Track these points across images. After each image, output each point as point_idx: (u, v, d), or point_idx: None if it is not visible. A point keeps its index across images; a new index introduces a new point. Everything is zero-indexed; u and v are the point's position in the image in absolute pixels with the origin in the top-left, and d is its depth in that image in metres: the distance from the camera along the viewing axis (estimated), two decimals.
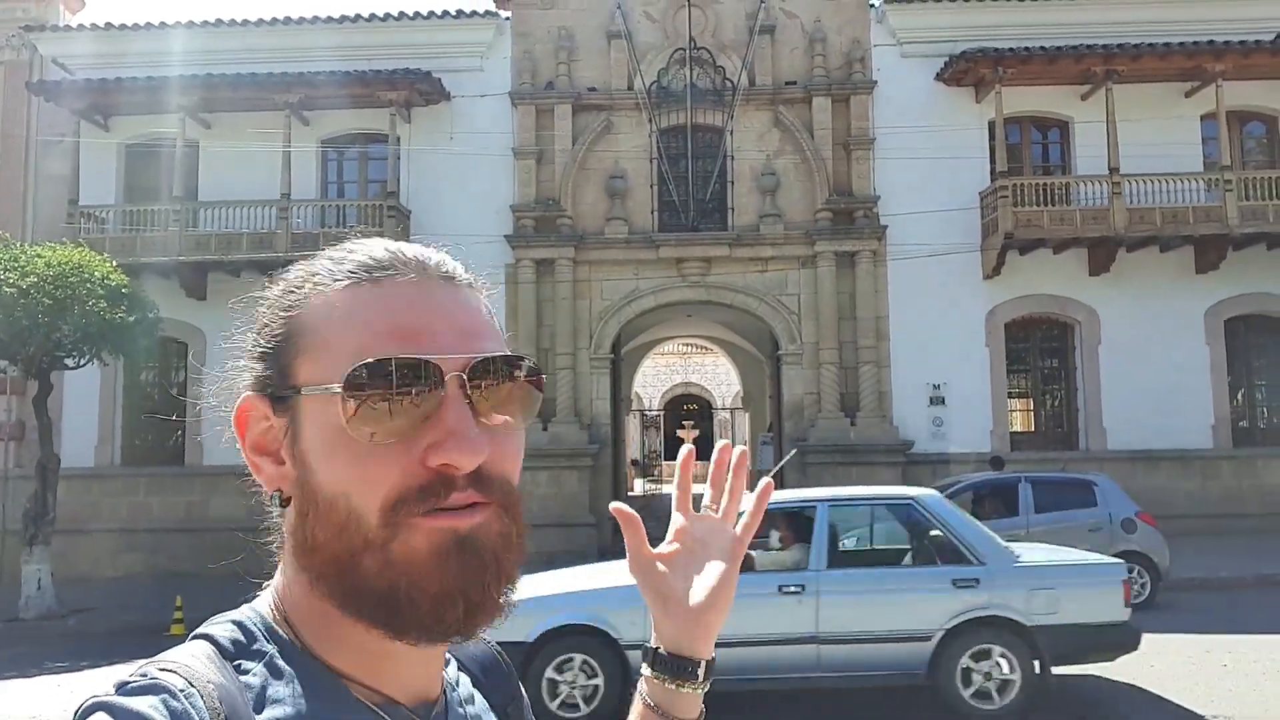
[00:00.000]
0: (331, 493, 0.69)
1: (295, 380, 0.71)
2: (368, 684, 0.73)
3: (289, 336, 0.73)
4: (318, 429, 0.70)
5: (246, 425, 0.74)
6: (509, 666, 0.94)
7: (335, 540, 0.69)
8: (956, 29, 16.59)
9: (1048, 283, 16.50)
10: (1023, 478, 11.95)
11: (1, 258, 11.89)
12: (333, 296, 0.72)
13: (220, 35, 17.11)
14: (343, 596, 0.69)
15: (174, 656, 0.69)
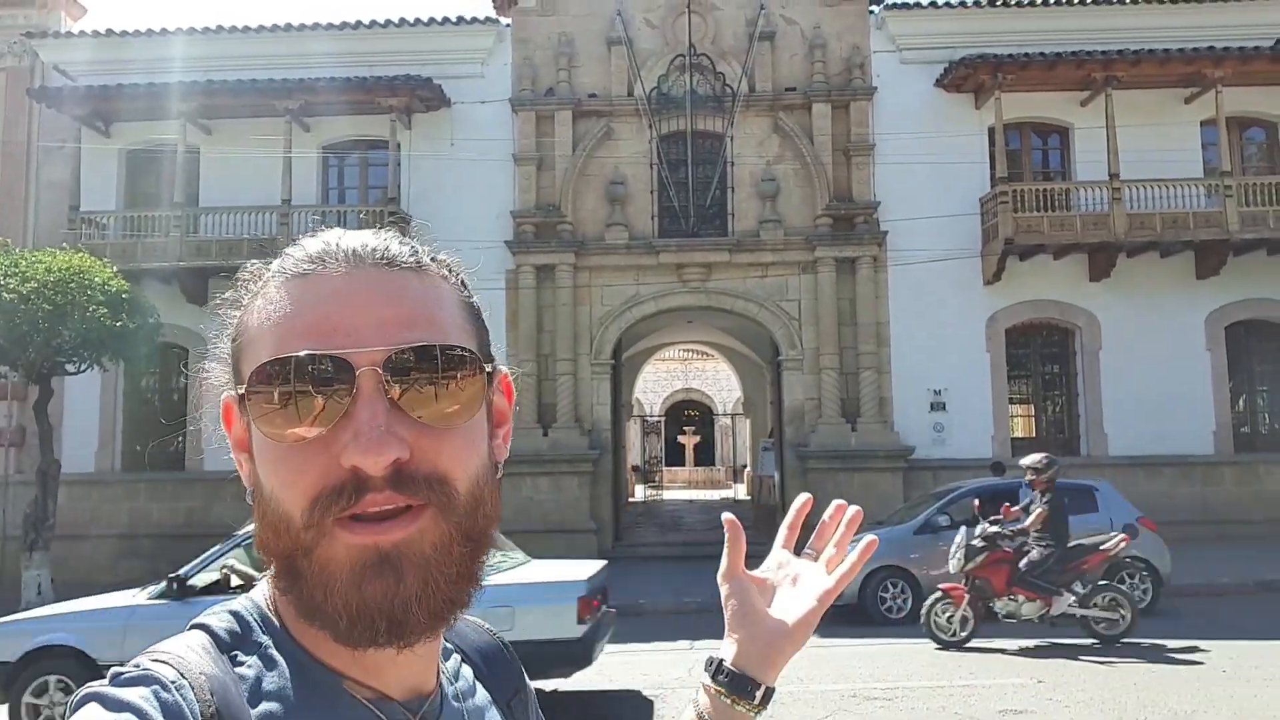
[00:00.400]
0: (268, 493, 0.69)
1: (241, 379, 0.71)
2: (357, 678, 0.72)
3: (236, 336, 0.73)
4: (256, 432, 0.70)
5: (230, 424, 0.75)
6: (514, 658, 0.93)
7: (275, 540, 0.69)
8: (956, 35, 16.63)
9: (1048, 288, 16.51)
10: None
11: (2, 263, 11.92)
12: (263, 294, 0.72)
13: (221, 41, 17.14)
14: (291, 596, 0.69)
15: (169, 647, 0.69)
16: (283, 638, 0.73)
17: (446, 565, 0.68)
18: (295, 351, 0.66)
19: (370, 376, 0.66)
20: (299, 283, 0.71)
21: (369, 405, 0.66)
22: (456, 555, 0.69)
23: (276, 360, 0.67)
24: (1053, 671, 8.10)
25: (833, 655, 9.37)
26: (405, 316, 0.69)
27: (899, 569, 11.34)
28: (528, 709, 0.91)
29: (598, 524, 16.02)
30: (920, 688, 7.71)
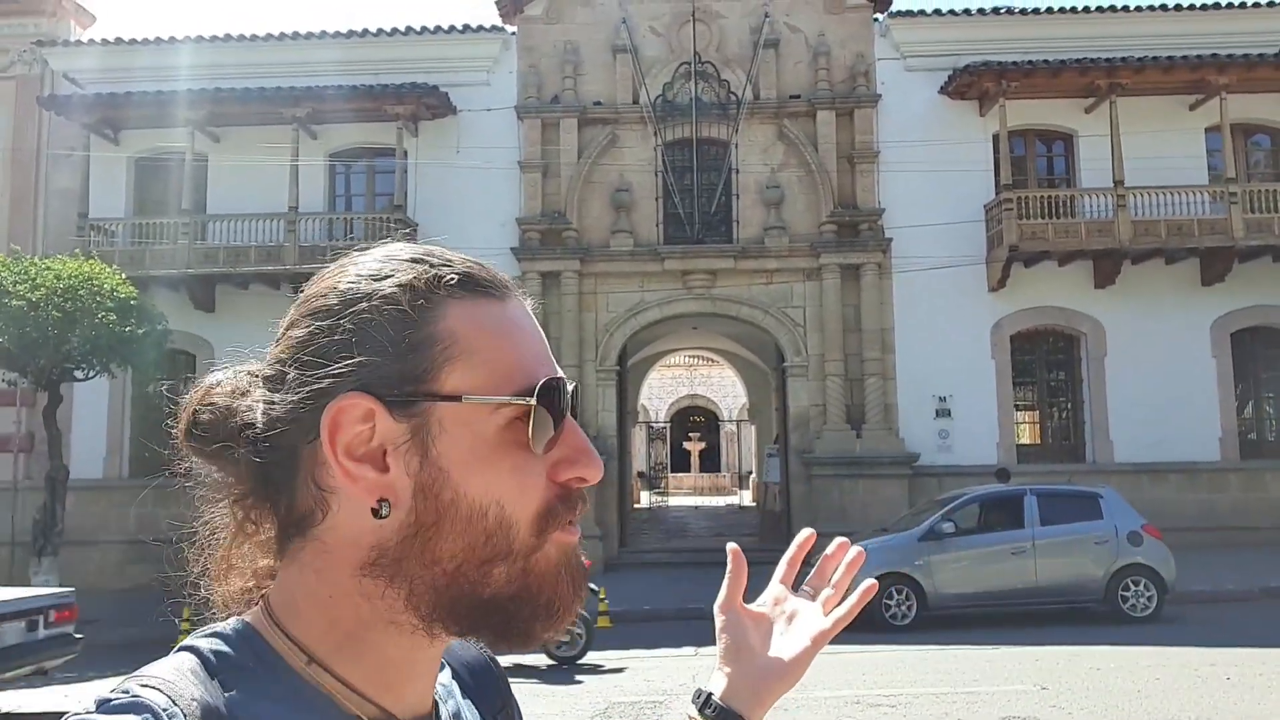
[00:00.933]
0: (481, 503, 0.68)
1: (440, 387, 0.69)
2: (372, 697, 0.71)
3: (430, 341, 0.70)
4: (472, 438, 0.69)
5: (340, 427, 0.69)
6: (500, 671, 0.92)
7: (470, 550, 0.68)
8: (960, 43, 16.67)
9: (1053, 295, 16.52)
10: (1028, 490, 11.93)
11: (12, 270, 12.02)
12: (473, 309, 0.72)
13: (229, 50, 17.27)
14: (451, 606, 0.69)
15: (157, 671, 0.67)
16: (274, 659, 0.71)
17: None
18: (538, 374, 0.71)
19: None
20: (499, 306, 0.73)
21: (578, 428, 0.73)
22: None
23: (553, 379, 0.71)
24: (1056, 678, 8.10)
25: (836, 662, 9.38)
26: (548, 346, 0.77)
27: (903, 576, 11.34)
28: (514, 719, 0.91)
29: (603, 530, 16.05)
30: (924, 694, 7.72)
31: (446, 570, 0.68)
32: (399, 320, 0.70)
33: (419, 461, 0.68)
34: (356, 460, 0.68)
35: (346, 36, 17.27)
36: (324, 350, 0.70)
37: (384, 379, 0.69)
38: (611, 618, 11.80)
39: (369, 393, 0.68)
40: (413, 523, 0.68)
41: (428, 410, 0.68)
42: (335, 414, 0.68)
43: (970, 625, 10.95)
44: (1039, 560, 11.25)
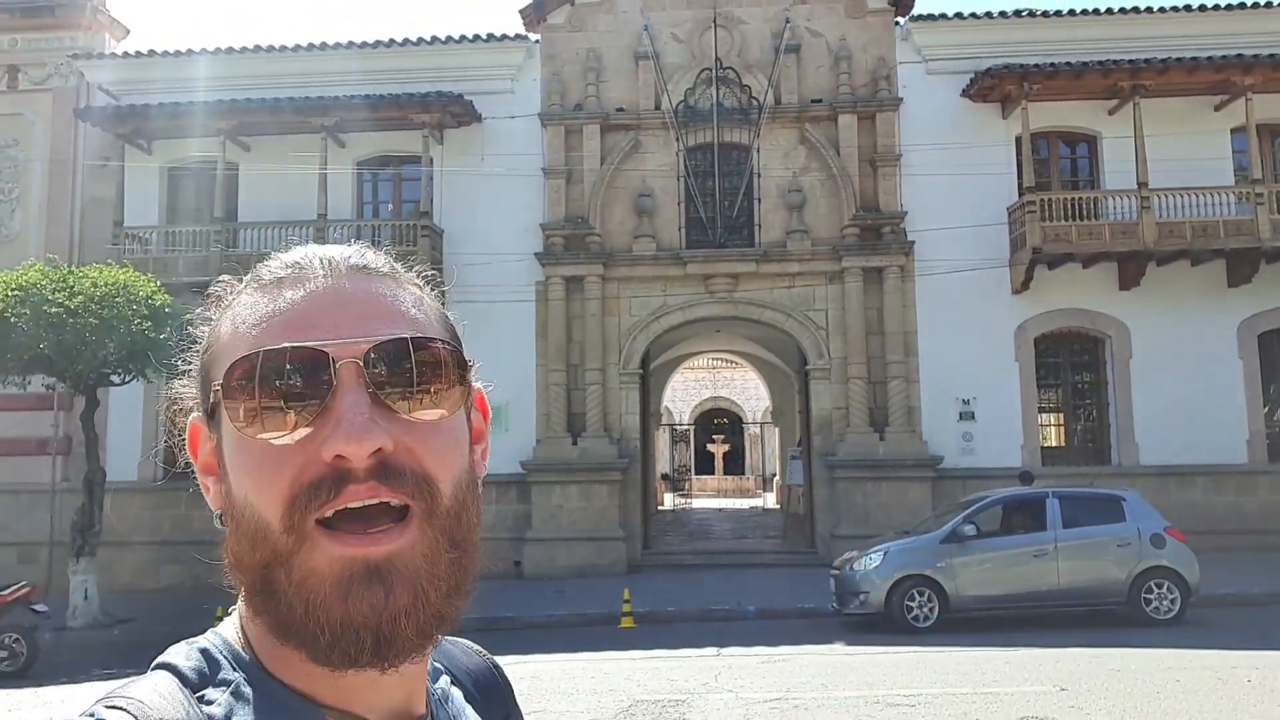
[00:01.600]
0: (242, 502, 0.66)
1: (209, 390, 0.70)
2: (337, 706, 0.68)
3: (207, 350, 0.72)
4: (228, 437, 0.68)
5: (198, 447, 0.73)
6: (505, 681, 0.89)
7: (250, 553, 0.66)
8: (981, 46, 16.68)
9: (1077, 297, 16.47)
10: (1050, 493, 11.94)
11: (50, 278, 12.34)
12: (237, 304, 0.71)
13: (259, 61, 17.60)
14: (265, 614, 0.66)
15: (130, 692, 0.65)
16: (255, 671, 0.68)
17: (436, 577, 0.66)
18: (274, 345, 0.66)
19: (351, 369, 0.65)
20: (275, 287, 0.70)
21: (350, 395, 0.64)
22: (445, 565, 0.67)
23: (253, 355, 0.65)
24: (1076, 679, 8.14)
25: (857, 664, 9.47)
26: (386, 314, 0.69)
27: (925, 578, 11.39)
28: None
29: (626, 532, 16.19)
30: (943, 694, 7.79)
31: (247, 576, 0.67)
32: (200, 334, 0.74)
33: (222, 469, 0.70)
34: (207, 475, 0.72)
35: (373, 46, 17.55)
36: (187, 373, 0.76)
37: (198, 397, 0.73)
38: (635, 618, 11.95)
39: (200, 411, 0.72)
40: (227, 529, 0.69)
41: (218, 417, 0.69)
42: (189, 436, 0.74)
43: (991, 627, 10.97)
44: (1061, 563, 11.26)
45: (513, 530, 16.00)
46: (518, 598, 13.50)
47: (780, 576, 15.00)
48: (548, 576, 15.44)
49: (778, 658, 9.79)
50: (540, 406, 16.29)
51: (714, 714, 7.40)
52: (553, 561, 15.66)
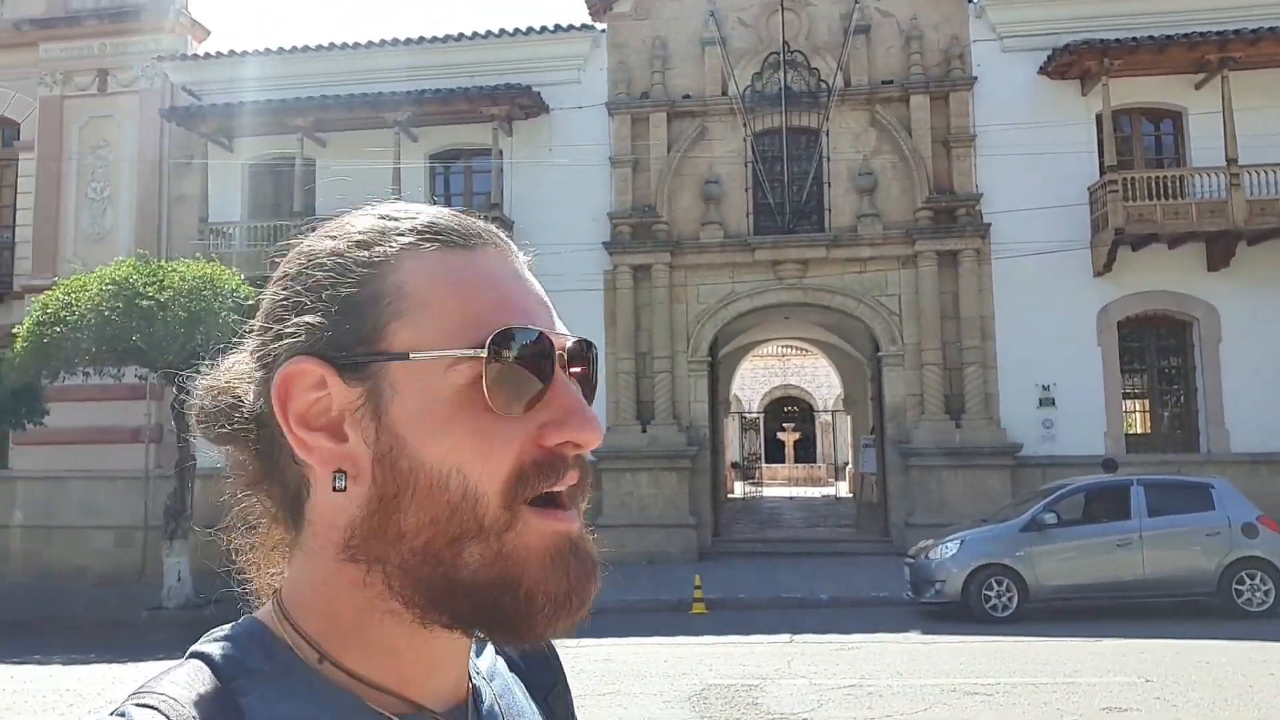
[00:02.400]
0: (441, 470, 0.62)
1: (388, 345, 0.64)
2: (396, 691, 0.66)
3: (376, 297, 0.65)
4: (425, 399, 0.63)
5: (291, 395, 0.65)
6: (551, 649, 0.86)
7: (436, 525, 0.62)
8: (1059, 21, 16.18)
9: (1163, 279, 15.90)
10: (1135, 480, 11.60)
11: (141, 273, 12.86)
12: (431, 259, 0.67)
13: (333, 58, 18.02)
14: (427, 592, 0.63)
15: (161, 688, 0.63)
16: (292, 659, 0.66)
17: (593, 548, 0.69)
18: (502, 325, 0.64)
19: (561, 361, 0.66)
20: (464, 255, 0.68)
21: (570, 386, 0.66)
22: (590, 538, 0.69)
23: (508, 331, 0.64)
24: (1162, 671, 7.91)
25: (933, 652, 9.35)
26: (551, 307, 0.70)
27: (1004, 567, 11.18)
28: (566, 702, 0.86)
29: (697, 519, 16.22)
30: (1022, 684, 7.65)
31: (415, 549, 0.63)
32: (347, 278, 0.66)
33: (375, 428, 0.64)
34: (313, 430, 0.64)
35: (443, 41, 17.81)
36: (278, 317, 0.67)
37: (333, 342, 0.65)
38: (706, 604, 11.99)
39: (320, 357, 0.64)
40: (375, 496, 0.63)
41: (379, 372, 0.64)
42: (282, 381, 0.65)
43: (1072, 617, 10.74)
44: (1146, 552, 10.93)
45: (584, 517, 16.12)
46: None
47: (853, 565, 14.87)
48: (619, 562, 15.56)
49: (851, 645, 9.73)
50: (610, 394, 16.40)
51: (787, 699, 7.39)
52: (623, 547, 15.77)
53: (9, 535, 17.19)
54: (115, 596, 14.19)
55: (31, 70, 18.51)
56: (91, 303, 12.33)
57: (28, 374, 13.07)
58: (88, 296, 12.42)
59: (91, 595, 14.50)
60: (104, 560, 16.82)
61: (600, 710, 7.05)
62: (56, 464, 17.15)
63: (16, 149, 18.70)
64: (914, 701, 7.20)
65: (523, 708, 0.78)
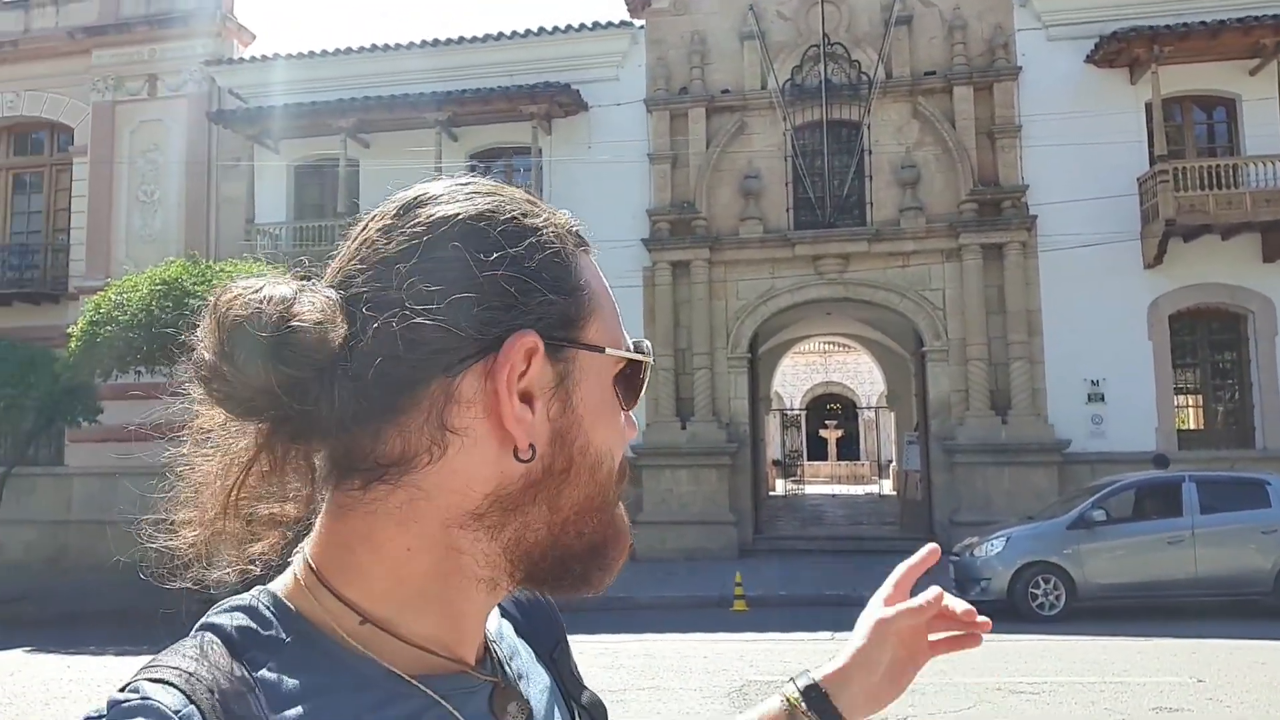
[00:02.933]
0: (602, 451, 0.70)
1: (584, 335, 0.70)
2: (446, 652, 0.69)
3: (578, 289, 0.70)
4: (599, 390, 0.71)
5: (510, 366, 0.65)
6: (552, 608, 0.89)
7: (589, 499, 0.70)
8: (1106, 8, 15.82)
9: (1216, 271, 15.50)
10: (1186, 477, 11.32)
11: (191, 273, 13.12)
12: (589, 261, 0.74)
13: (375, 60, 18.23)
14: (542, 555, 0.69)
15: (174, 661, 0.62)
16: (308, 628, 0.66)
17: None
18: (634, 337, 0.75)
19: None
20: (590, 259, 0.75)
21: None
22: None
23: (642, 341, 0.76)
24: (1214, 670, 7.72)
25: (978, 649, 9.18)
26: None
27: (1051, 565, 10.98)
28: (569, 659, 0.88)
29: (737, 516, 16.15)
30: (1069, 683, 7.51)
31: (562, 519, 0.68)
32: (560, 264, 0.69)
33: (560, 407, 0.67)
34: (524, 400, 0.66)
35: (483, 41, 17.93)
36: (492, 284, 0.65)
37: (548, 321, 0.67)
38: (747, 601, 11.93)
39: (544, 334, 0.66)
40: (541, 469, 0.66)
41: (573, 358, 0.68)
42: (510, 350, 0.65)
43: (1122, 616, 10.51)
44: (1199, 550, 10.67)
45: None
46: (630, 579, 13.62)
47: (896, 563, 14.42)
48: (659, 559, 15.56)
49: None
50: (649, 391, 16.19)
51: None
52: (663, 544, 15.76)
53: (66, 530, 17.67)
54: (167, 590, 14.45)
55: (84, 77, 18.99)
56: (142, 302, 12.61)
57: (82, 372, 13.40)
58: (138, 296, 12.70)
59: (144, 589, 14.81)
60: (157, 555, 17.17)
61: (640, 705, 7.04)
62: (110, 461, 17.58)
63: (71, 154, 19.18)
64: (957, 699, 7.09)
65: (529, 666, 0.81)
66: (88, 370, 13.27)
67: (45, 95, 19.31)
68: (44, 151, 19.95)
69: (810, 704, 0.89)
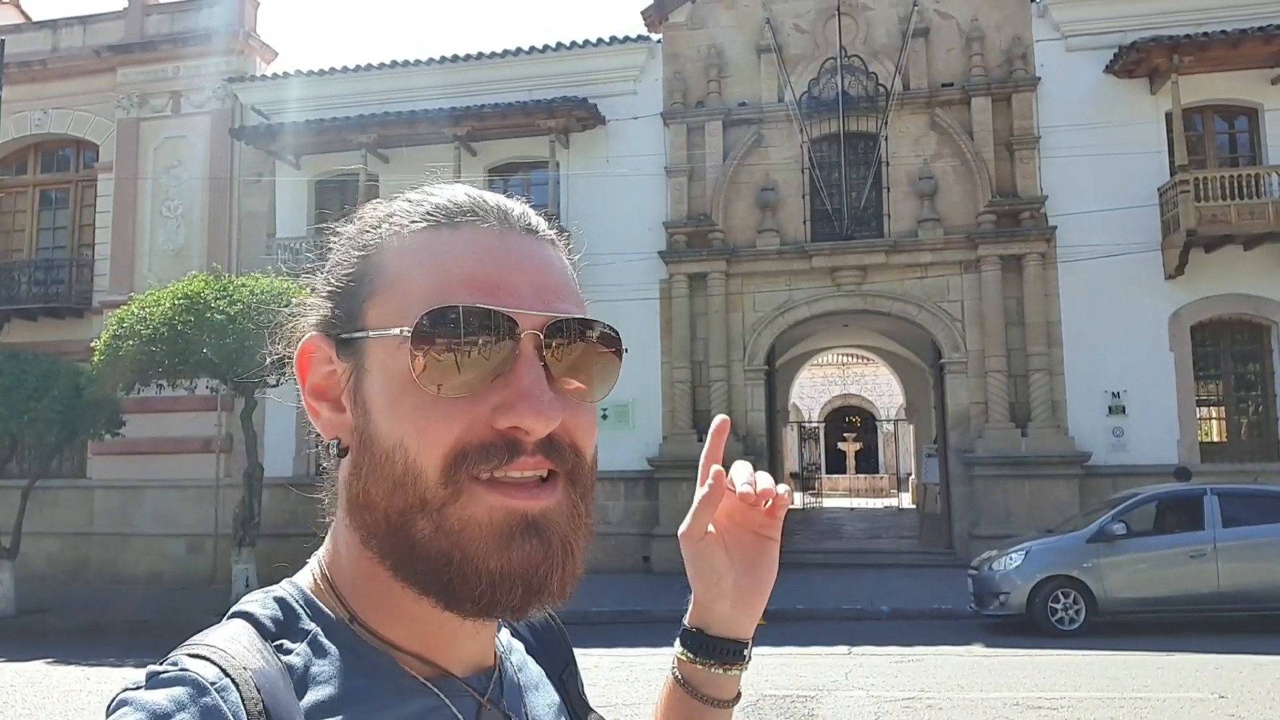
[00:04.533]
0: (390, 443, 0.65)
1: (364, 323, 0.67)
2: (421, 655, 0.69)
3: (361, 276, 0.69)
4: (383, 375, 0.66)
5: (309, 367, 0.70)
6: (562, 630, 0.89)
7: (389, 496, 0.65)
8: (1126, 18, 15.76)
9: (1238, 281, 15.35)
10: (1209, 489, 11.18)
11: (213, 287, 13.26)
12: (410, 238, 0.68)
13: (394, 76, 18.41)
14: (394, 559, 0.65)
15: (211, 640, 0.64)
16: (331, 621, 0.68)
17: (576, 536, 0.68)
18: (455, 302, 0.64)
19: (531, 340, 0.65)
20: (451, 232, 0.68)
21: (532, 369, 0.65)
22: (582, 528, 0.68)
23: (448, 308, 0.64)
24: (1238, 687, 7.60)
25: (996, 665, 9.13)
26: (555, 284, 0.69)
27: (1071, 579, 10.86)
28: (578, 682, 0.88)
29: None
30: (1088, 699, 7.42)
31: (379, 518, 0.65)
32: (350, 257, 0.70)
33: (353, 399, 0.68)
34: (319, 399, 0.70)
35: (501, 56, 18.07)
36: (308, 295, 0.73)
37: (333, 320, 0.69)
38: (763, 615, 11.83)
39: (327, 333, 0.69)
40: (354, 464, 0.67)
41: (362, 348, 0.67)
42: (300, 354, 0.71)
43: (1143, 632, 10.38)
44: (1221, 564, 10.53)
45: (640, 526, 16.18)
46: (647, 592, 13.63)
47: (915, 577, 14.60)
48: (676, 572, 15.34)
49: (911, 657, 9.54)
50: (666, 404, 16.39)
51: (844, 711, 7.28)
52: (680, 557, 15.66)
53: (88, 542, 17.85)
54: (187, 601, 14.59)
55: (110, 94, 19.29)
56: (164, 317, 12.75)
57: (105, 386, 13.55)
58: (161, 311, 12.84)
59: (164, 600, 14.95)
60: (177, 566, 17.36)
61: None
62: (132, 473, 17.77)
63: (96, 170, 19.47)
64: (974, 715, 7.03)
65: (540, 684, 0.80)
66: (110, 384, 13.42)
67: (72, 113, 19.63)
68: (70, 168, 20.26)
69: (690, 649, 0.86)
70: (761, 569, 0.86)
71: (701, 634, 0.86)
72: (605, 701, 7.42)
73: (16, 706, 8.15)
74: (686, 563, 0.86)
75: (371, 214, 0.72)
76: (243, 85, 18.88)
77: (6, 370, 13.63)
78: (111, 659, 10.59)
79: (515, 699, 0.76)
